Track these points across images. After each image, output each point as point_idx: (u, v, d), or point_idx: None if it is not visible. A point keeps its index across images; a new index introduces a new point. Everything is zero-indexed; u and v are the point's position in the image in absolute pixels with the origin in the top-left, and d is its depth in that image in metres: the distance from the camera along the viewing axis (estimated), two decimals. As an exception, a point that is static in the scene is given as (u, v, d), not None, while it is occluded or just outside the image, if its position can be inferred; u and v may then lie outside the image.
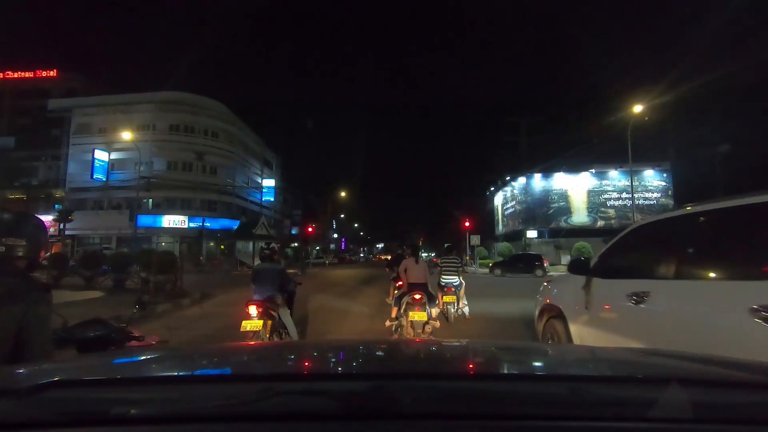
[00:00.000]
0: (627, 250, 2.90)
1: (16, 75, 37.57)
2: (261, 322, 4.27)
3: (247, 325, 4.22)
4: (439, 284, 7.02)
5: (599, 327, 2.72)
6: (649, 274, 2.43)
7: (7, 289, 1.39)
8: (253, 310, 4.26)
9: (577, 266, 3.24)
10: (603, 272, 2.87)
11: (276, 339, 4.50)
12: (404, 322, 5.33)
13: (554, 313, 3.33)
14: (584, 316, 2.88)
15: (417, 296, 5.20)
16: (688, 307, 2.11)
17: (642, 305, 2.31)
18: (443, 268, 7.18)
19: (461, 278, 7.21)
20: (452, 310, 6.92)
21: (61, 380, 0.87)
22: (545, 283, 4.18)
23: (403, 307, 5.35)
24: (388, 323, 5.85)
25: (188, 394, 0.84)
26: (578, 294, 2.95)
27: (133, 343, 1.93)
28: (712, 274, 2.15)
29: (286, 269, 5.29)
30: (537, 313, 3.80)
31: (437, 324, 5.76)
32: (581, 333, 2.88)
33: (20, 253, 1.49)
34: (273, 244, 5.79)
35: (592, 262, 3.09)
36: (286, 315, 4.69)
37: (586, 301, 2.86)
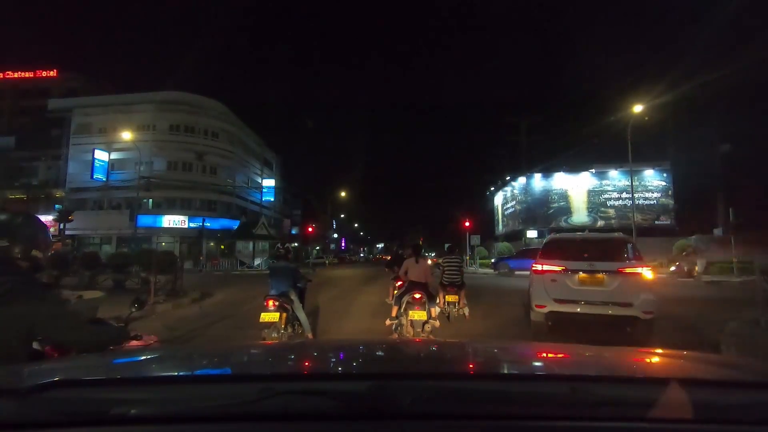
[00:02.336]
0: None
1: (16, 75, 37.60)
2: (277, 314, 4.76)
3: (266, 317, 4.73)
4: (441, 283, 7.04)
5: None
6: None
7: (7, 288, 1.41)
8: (270, 304, 4.77)
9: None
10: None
11: (290, 330, 5.01)
12: (404, 321, 5.35)
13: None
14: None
15: (417, 295, 5.22)
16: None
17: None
18: (445, 268, 7.20)
19: (463, 278, 7.23)
20: (454, 310, 6.96)
21: (61, 380, 0.87)
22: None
23: (403, 306, 5.38)
24: (388, 322, 5.88)
25: (188, 394, 0.84)
26: None
27: (133, 343, 1.90)
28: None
29: (298, 267, 5.78)
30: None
31: (437, 323, 5.78)
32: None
33: (17, 254, 1.52)
34: (288, 245, 6.21)
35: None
36: (299, 309, 5.12)
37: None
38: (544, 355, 1.46)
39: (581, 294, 5.28)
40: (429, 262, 7.61)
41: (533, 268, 5.81)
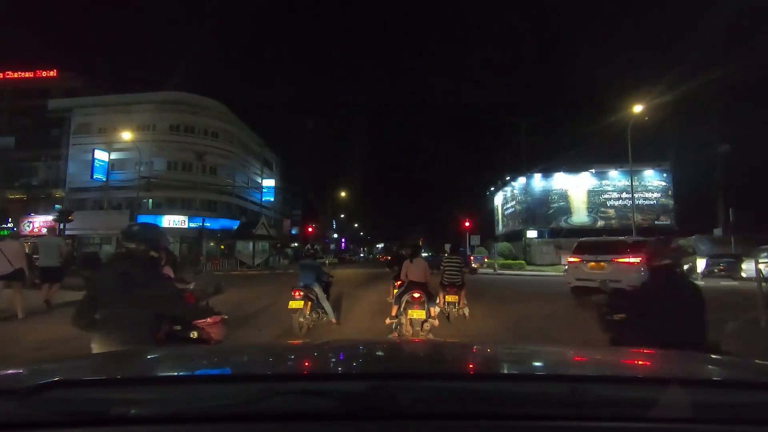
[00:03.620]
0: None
1: (16, 75, 37.54)
2: (302, 302, 5.75)
3: (293, 304, 5.73)
4: (442, 283, 7.05)
5: None
6: None
7: (139, 276, 2.13)
8: (296, 293, 5.81)
9: None
10: None
11: (315, 316, 6.09)
12: (404, 320, 5.41)
13: None
14: None
15: (416, 295, 5.30)
16: None
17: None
18: (446, 268, 7.20)
19: (463, 278, 7.22)
20: (454, 310, 6.96)
21: (61, 380, 0.87)
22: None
23: (403, 305, 5.45)
24: (388, 321, 5.95)
25: (188, 394, 0.84)
26: None
27: (212, 318, 2.48)
28: None
29: (321, 266, 7.07)
30: None
31: (436, 322, 5.83)
32: None
33: (142, 254, 2.22)
34: (316, 246, 7.42)
35: None
36: (323, 298, 6.17)
37: None
38: (544, 355, 1.45)
39: (591, 275, 8.47)
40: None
41: (567, 260, 9.57)
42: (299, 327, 5.71)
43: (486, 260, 29.28)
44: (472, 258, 25.75)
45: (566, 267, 9.21)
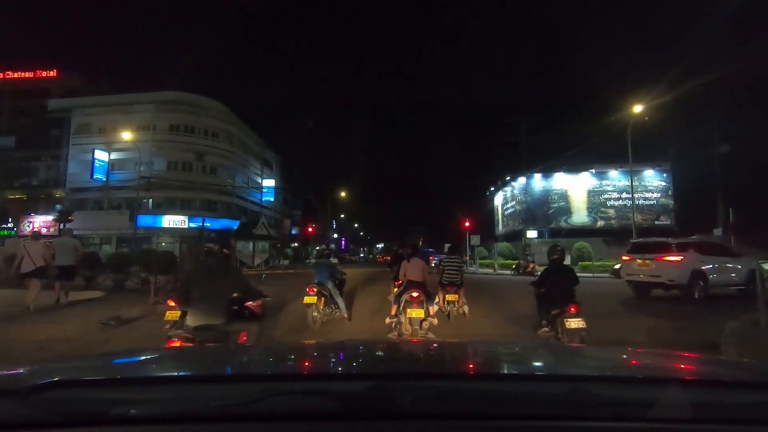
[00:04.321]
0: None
1: (16, 75, 37.53)
2: (316, 298, 6.24)
3: (307, 299, 6.20)
4: (441, 283, 7.11)
5: None
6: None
7: (218, 268, 3.25)
8: (311, 290, 6.30)
9: None
10: None
11: (328, 311, 6.57)
12: (403, 319, 5.48)
13: None
14: None
15: (414, 294, 5.37)
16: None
17: None
18: (445, 268, 7.24)
19: (462, 278, 7.28)
20: (454, 309, 7.02)
21: (61, 380, 0.87)
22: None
23: (402, 304, 5.52)
24: (387, 320, 6.02)
25: (188, 394, 0.84)
26: None
27: (258, 301, 3.61)
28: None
29: (334, 264, 7.83)
30: None
31: (435, 321, 5.91)
32: None
33: (218, 250, 3.42)
34: (330, 246, 8.15)
35: None
36: (336, 294, 6.74)
37: None
38: (544, 355, 1.45)
39: (638, 271, 9.92)
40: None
41: (621, 258, 11.32)
42: (313, 321, 6.20)
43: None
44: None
45: (620, 264, 11.00)
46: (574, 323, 4.38)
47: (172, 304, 4.13)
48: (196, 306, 3.12)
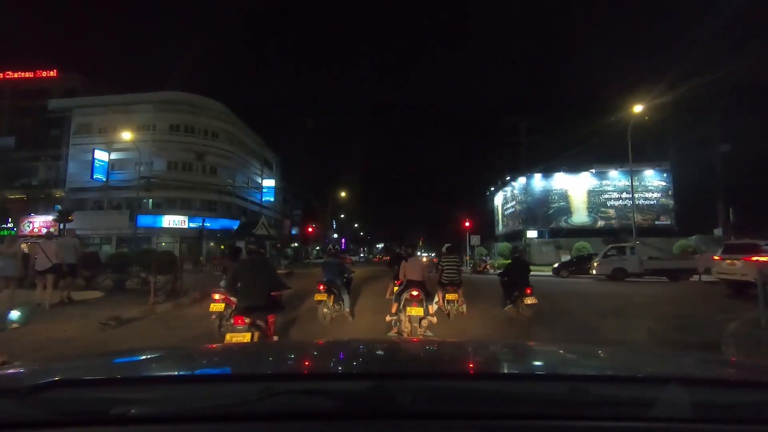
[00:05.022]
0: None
1: (16, 75, 37.49)
2: (326, 295, 6.55)
3: (318, 297, 6.53)
4: (441, 282, 7.16)
5: None
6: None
7: (258, 264, 4.28)
8: (321, 287, 6.61)
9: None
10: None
11: (337, 307, 6.82)
12: (402, 317, 5.56)
13: None
14: None
15: (414, 293, 5.47)
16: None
17: None
18: (445, 268, 7.27)
19: (461, 277, 7.34)
20: (454, 308, 7.09)
21: (61, 380, 0.87)
22: None
23: (402, 303, 5.62)
24: (388, 318, 6.13)
25: (188, 394, 0.84)
26: None
27: (282, 291, 4.65)
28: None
29: (343, 262, 8.00)
30: None
31: (434, 320, 6.02)
32: None
33: (259, 249, 4.72)
34: (337, 246, 8.23)
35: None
36: (343, 291, 7.01)
37: None
38: (544, 355, 1.45)
39: (728, 270, 10.59)
40: (424, 259, 8.31)
41: (713, 258, 11.66)
42: (323, 317, 6.53)
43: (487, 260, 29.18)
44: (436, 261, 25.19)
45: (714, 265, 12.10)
46: (530, 300, 6.37)
47: (216, 297, 5.44)
48: (244, 292, 4.14)
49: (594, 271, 19.12)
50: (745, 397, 0.83)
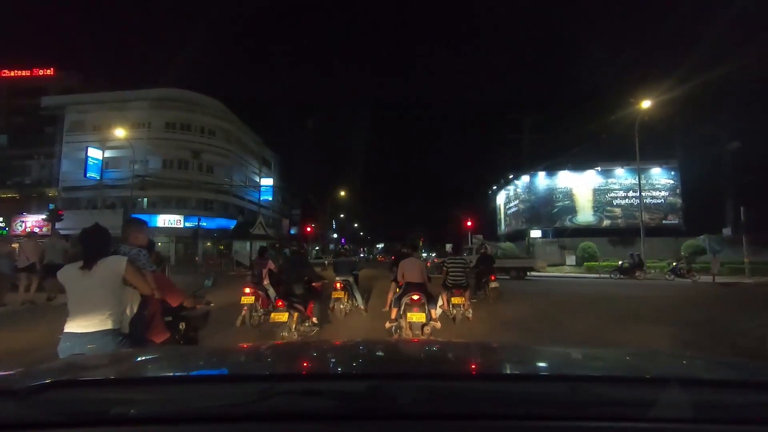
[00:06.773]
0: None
1: (13, 73, 36.93)
2: (342, 293, 7.02)
3: (335, 294, 7.00)
4: (446, 285, 6.71)
5: None
6: None
7: (298, 260, 5.96)
8: (338, 286, 7.11)
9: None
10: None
11: (350, 304, 7.33)
12: (403, 324, 5.20)
13: None
14: None
15: (415, 297, 5.12)
16: None
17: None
18: (450, 269, 6.69)
19: (468, 279, 6.91)
20: (459, 312, 6.61)
21: (61, 380, 0.88)
22: None
23: (402, 308, 5.25)
24: (387, 325, 5.71)
25: (188, 394, 0.85)
26: None
27: (320, 283, 5.67)
28: None
29: (354, 260, 8.89)
30: None
31: (437, 325, 5.65)
32: None
33: (298, 250, 8.11)
34: (347, 246, 8.59)
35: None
36: (355, 289, 7.49)
37: None
38: (544, 355, 1.43)
39: None
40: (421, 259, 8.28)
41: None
42: (340, 312, 6.93)
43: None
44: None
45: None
46: (494, 285, 8.98)
47: (247, 291, 6.22)
48: (286, 282, 5.11)
49: None
50: (745, 397, 0.83)
